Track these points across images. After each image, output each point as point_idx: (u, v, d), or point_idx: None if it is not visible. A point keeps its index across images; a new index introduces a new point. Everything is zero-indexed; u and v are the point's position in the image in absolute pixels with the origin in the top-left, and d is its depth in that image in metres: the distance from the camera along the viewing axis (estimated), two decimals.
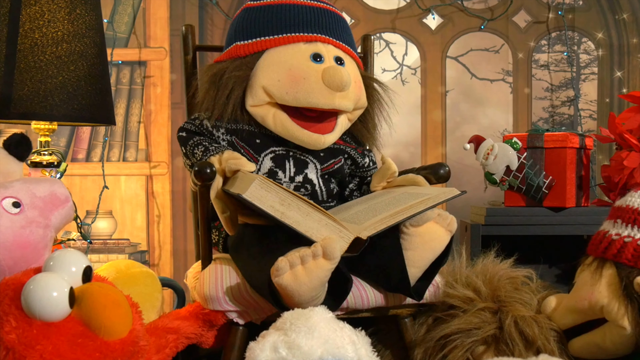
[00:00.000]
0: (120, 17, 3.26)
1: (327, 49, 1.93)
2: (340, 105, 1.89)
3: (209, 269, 1.82)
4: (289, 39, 1.92)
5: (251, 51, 1.93)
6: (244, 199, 1.62)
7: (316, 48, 1.92)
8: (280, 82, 1.88)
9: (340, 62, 1.93)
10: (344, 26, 2.02)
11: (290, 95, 1.87)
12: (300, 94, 1.87)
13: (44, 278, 1.43)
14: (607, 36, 3.28)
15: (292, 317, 1.53)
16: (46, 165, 2.24)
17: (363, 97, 1.98)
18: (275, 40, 1.92)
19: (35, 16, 2.11)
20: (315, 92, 1.87)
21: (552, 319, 1.84)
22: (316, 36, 1.93)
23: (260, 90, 1.89)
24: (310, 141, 1.92)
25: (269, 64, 1.90)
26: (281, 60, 1.89)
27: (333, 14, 1.99)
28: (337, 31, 1.97)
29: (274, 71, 1.89)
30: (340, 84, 1.86)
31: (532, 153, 2.48)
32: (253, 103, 1.91)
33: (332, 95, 1.87)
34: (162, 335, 1.71)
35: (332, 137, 1.94)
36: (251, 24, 1.95)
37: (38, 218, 1.62)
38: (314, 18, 1.95)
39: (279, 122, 1.91)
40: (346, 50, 1.97)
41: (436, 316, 1.85)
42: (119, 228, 3.27)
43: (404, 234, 1.72)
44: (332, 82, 1.86)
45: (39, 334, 1.40)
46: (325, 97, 1.87)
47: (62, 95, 2.11)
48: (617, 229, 1.76)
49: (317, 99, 1.87)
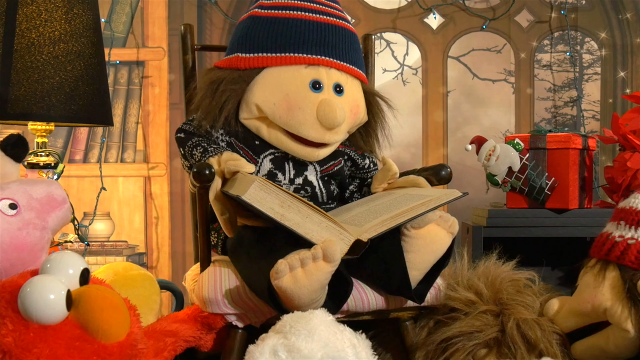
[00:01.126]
0: (118, 16, 3.26)
1: (328, 75, 1.92)
2: (330, 140, 1.91)
3: (208, 271, 1.82)
4: (291, 59, 1.91)
5: (251, 65, 1.92)
6: (243, 200, 1.62)
7: (317, 74, 1.91)
8: (275, 105, 1.88)
9: (339, 89, 1.93)
10: (352, 42, 2.00)
11: (282, 120, 1.88)
12: (293, 123, 1.88)
13: (40, 280, 1.43)
14: (610, 36, 3.28)
15: (292, 320, 1.53)
16: (43, 167, 2.23)
17: (361, 115, 1.98)
18: (276, 58, 1.91)
19: (32, 15, 2.11)
20: (307, 125, 1.88)
21: (555, 321, 1.84)
22: (319, 59, 1.92)
23: (254, 107, 1.89)
24: (304, 154, 1.92)
25: (267, 84, 1.90)
26: (279, 82, 1.89)
27: (342, 29, 1.97)
28: (343, 50, 1.96)
29: (270, 93, 1.89)
30: (333, 124, 1.87)
31: (535, 154, 2.48)
32: (246, 117, 1.91)
33: (323, 130, 1.89)
34: (160, 339, 1.70)
35: (326, 151, 1.95)
36: (254, 36, 1.94)
37: (35, 220, 1.62)
38: (320, 37, 1.93)
39: (273, 135, 1.91)
40: (350, 71, 1.96)
41: (437, 319, 1.86)
42: (117, 230, 3.27)
43: (405, 236, 1.72)
44: (325, 120, 1.87)
45: (35, 337, 1.40)
46: (317, 132, 1.88)
47: (59, 95, 2.11)
48: (621, 231, 1.76)
49: (308, 132, 1.88)
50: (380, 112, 2.05)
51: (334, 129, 1.89)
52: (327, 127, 1.88)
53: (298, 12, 1.93)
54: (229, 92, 1.89)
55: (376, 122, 2.05)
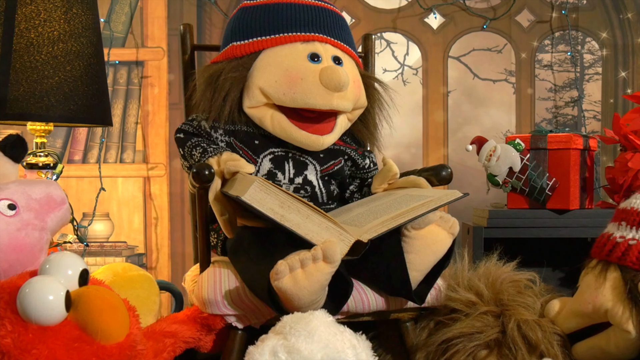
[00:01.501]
0: (117, 16, 3.26)
1: (324, 49, 1.93)
2: (338, 105, 1.89)
3: (208, 272, 1.82)
4: (286, 38, 1.92)
5: (248, 51, 1.93)
6: (243, 201, 1.62)
7: (314, 48, 1.92)
8: (277, 83, 1.88)
9: (338, 61, 1.93)
10: (343, 25, 2.02)
11: (287, 96, 1.87)
12: (298, 95, 1.87)
13: (39, 281, 1.43)
14: (611, 36, 3.28)
15: (292, 321, 1.53)
16: (42, 167, 2.23)
17: (362, 97, 1.98)
18: (271, 40, 1.92)
19: (31, 15, 2.11)
20: (313, 93, 1.87)
21: (556, 322, 1.84)
22: (314, 35, 1.93)
23: (257, 91, 1.89)
24: (309, 142, 1.92)
25: (266, 64, 1.90)
26: (278, 60, 1.90)
27: (331, 12, 1.99)
28: (335, 30, 1.97)
29: (270, 72, 1.89)
30: (338, 84, 1.86)
31: (535, 154, 2.48)
32: (250, 104, 1.91)
33: (330, 95, 1.87)
34: (159, 340, 1.71)
35: (331, 138, 1.94)
36: (247, 23, 1.95)
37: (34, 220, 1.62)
38: (312, 17, 1.95)
39: (277, 124, 1.91)
40: (345, 49, 1.97)
41: (438, 320, 1.85)
42: (116, 230, 3.27)
43: (406, 237, 1.72)
44: (329, 82, 1.86)
45: (34, 338, 1.40)
46: (323, 98, 1.87)
47: (58, 95, 2.11)
48: (622, 232, 1.76)
49: (315, 100, 1.87)
50: (377, 93, 2.06)
51: (340, 91, 1.88)
52: (334, 89, 1.86)
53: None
54: (231, 80, 1.90)
55: (374, 105, 2.05)
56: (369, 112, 2.04)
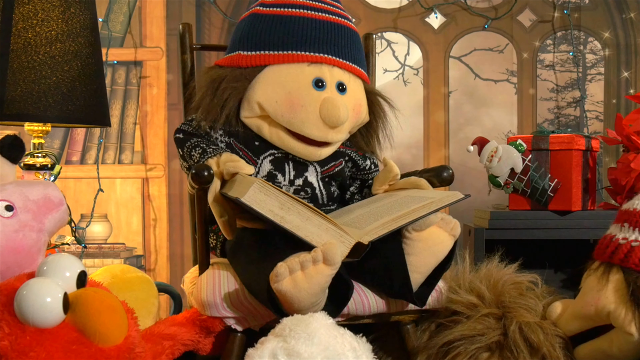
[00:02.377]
0: (115, 16, 3.26)
1: (331, 73, 1.92)
2: (333, 139, 1.90)
3: (207, 274, 1.82)
4: (293, 57, 1.91)
5: (252, 64, 1.92)
6: (243, 202, 1.62)
7: (320, 72, 1.91)
8: (277, 103, 1.88)
9: (342, 88, 1.92)
10: (355, 41, 2.00)
11: (285, 118, 1.88)
12: (295, 121, 1.87)
13: (37, 283, 1.43)
14: (614, 35, 3.28)
15: (292, 324, 1.53)
16: (40, 168, 2.23)
17: (363, 114, 1.98)
18: (278, 56, 1.91)
19: (29, 15, 2.11)
20: (310, 123, 1.87)
21: (558, 325, 1.84)
22: (322, 57, 1.92)
23: (256, 105, 1.89)
24: (306, 153, 1.92)
25: (269, 82, 1.89)
26: (282, 80, 1.89)
27: (344, 28, 1.97)
28: (345, 49, 1.96)
29: (273, 91, 1.88)
30: (337, 122, 1.87)
31: (537, 155, 2.48)
32: (248, 115, 1.91)
33: (326, 129, 1.88)
34: (158, 342, 1.70)
35: (328, 150, 1.94)
36: (256, 34, 1.93)
37: (31, 222, 1.62)
38: (323, 35, 1.93)
39: (275, 133, 1.91)
40: (352, 70, 1.96)
41: (439, 322, 1.85)
42: (114, 232, 3.27)
43: (407, 239, 1.72)
44: (328, 118, 1.86)
45: (32, 341, 1.40)
46: (320, 130, 1.88)
47: (56, 96, 2.11)
48: (624, 233, 1.76)
49: (311, 130, 1.88)
50: (382, 112, 2.05)
51: (337, 127, 1.89)
52: (331, 125, 1.87)
53: (300, 10, 1.93)
54: (231, 89, 1.89)
55: (377, 122, 2.04)
56: (371, 125, 2.04)
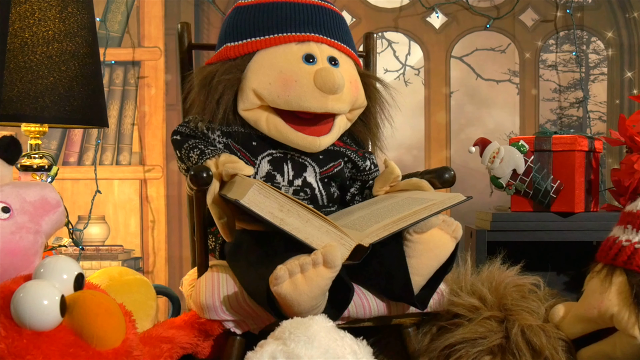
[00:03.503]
0: (113, 15, 3.27)
1: (320, 49, 1.92)
2: (333, 108, 1.89)
3: (205, 276, 1.82)
4: (280, 39, 1.91)
5: (241, 53, 1.93)
6: (242, 204, 1.62)
7: (309, 48, 1.91)
8: (271, 85, 1.88)
9: (334, 62, 1.93)
10: (340, 23, 2.01)
11: (281, 98, 1.87)
12: (292, 98, 1.87)
13: (34, 286, 1.43)
14: (617, 35, 3.28)
15: (291, 326, 1.53)
16: (37, 169, 2.24)
17: (361, 97, 1.98)
18: (265, 41, 1.92)
19: (26, 14, 2.11)
20: (307, 96, 1.86)
21: (561, 328, 1.84)
22: (309, 35, 1.93)
23: (251, 93, 1.89)
24: (305, 144, 1.91)
25: (260, 66, 1.90)
26: (272, 62, 1.89)
27: (328, 10, 1.99)
28: (332, 29, 1.97)
29: (264, 74, 1.89)
30: (333, 87, 1.86)
31: (540, 156, 2.48)
32: (244, 107, 1.91)
33: (325, 98, 1.87)
34: (156, 345, 1.70)
35: (328, 139, 1.94)
36: (241, 24, 1.95)
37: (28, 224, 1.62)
38: (307, 16, 1.94)
39: (273, 126, 1.90)
40: (341, 48, 1.97)
41: (440, 325, 1.85)
42: (112, 234, 3.27)
43: (408, 241, 1.72)
44: (324, 84, 1.86)
45: (29, 344, 1.40)
46: (318, 101, 1.87)
47: (53, 96, 2.11)
48: (628, 235, 1.76)
49: (309, 103, 1.87)
50: (377, 93, 2.05)
51: (336, 93, 1.88)
52: (328, 90, 1.86)
53: None
54: (224, 82, 1.89)
55: (374, 105, 2.04)
56: (369, 111, 2.04)
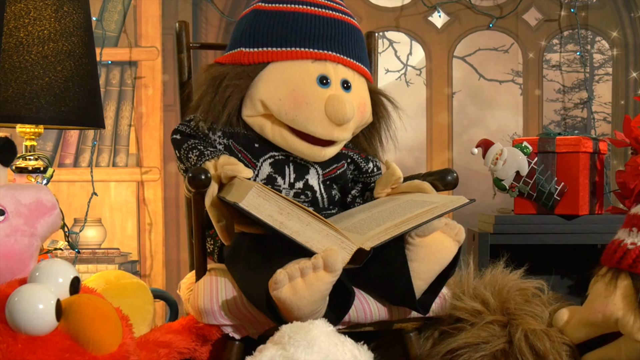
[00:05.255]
0: (109, 15, 3.27)
1: (335, 70, 1.92)
2: (339, 137, 1.90)
3: (204, 280, 1.82)
4: (297, 54, 1.91)
5: (255, 61, 1.91)
6: (241, 207, 1.62)
7: (324, 69, 1.91)
8: (281, 101, 1.87)
9: (347, 85, 1.92)
10: (358, 39, 2.00)
11: (289, 116, 1.87)
12: (300, 119, 1.87)
13: (29, 290, 1.43)
14: (622, 35, 3.29)
15: (291, 331, 1.53)
16: (32, 171, 2.23)
17: (367, 114, 1.98)
18: (281, 53, 1.91)
19: (21, 14, 2.11)
20: (315, 122, 1.87)
21: (565, 332, 1.84)
22: (326, 54, 1.92)
23: (259, 103, 1.89)
24: (310, 153, 1.92)
25: (272, 79, 1.89)
26: (285, 77, 1.89)
27: (347, 25, 1.98)
28: (349, 46, 1.96)
29: (276, 88, 1.88)
30: (343, 119, 1.86)
31: (543, 158, 2.48)
32: (250, 114, 1.91)
33: (332, 127, 1.88)
34: (153, 350, 1.70)
35: (332, 150, 1.94)
36: (258, 30, 1.93)
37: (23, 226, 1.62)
38: (327, 31, 1.93)
39: (278, 133, 1.91)
40: (357, 68, 1.96)
41: (442, 330, 1.85)
42: (109, 237, 3.27)
43: (410, 245, 1.72)
44: (334, 115, 1.86)
45: (24, 349, 1.40)
46: (325, 128, 1.88)
47: (49, 97, 2.11)
48: (633, 238, 1.76)
49: (316, 129, 1.87)
50: (385, 112, 2.05)
51: (343, 125, 1.89)
52: (337, 122, 1.87)
53: (303, 6, 1.93)
54: (233, 87, 1.89)
55: (380, 122, 2.05)
56: (373, 126, 2.04)
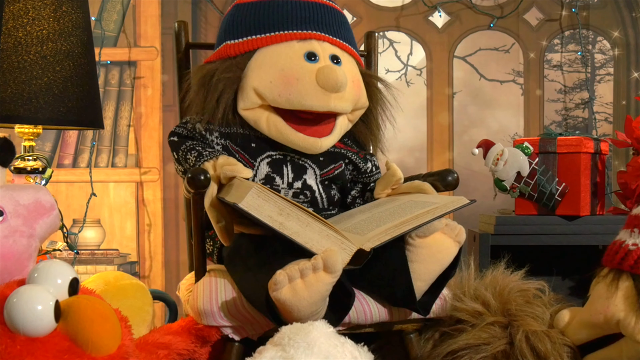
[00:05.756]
0: (108, 14, 3.27)
1: (322, 47, 1.92)
2: (336, 107, 1.89)
3: (203, 281, 1.82)
4: (282, 37, 1.91)
5: (242, 51, 1.92)
6: (240, 208, 1.62)
7: (310, 46, 1.91)
8: (272, 83, 1.87)
9: (336, 60, 1.93)
10: (342, 21, 2.01)
11: (283, 97, 1.87)
12: (293, 96, 1.86)
13: (27, 291, 1.43)
14: (623, 35, 3.29)
15: (291, 332, 1.53)
16: (30, 171, 2.24)
17: (363, 97, 1.98)
18: (266, 38, 1.92)
19: (19, 14, 2.11)
20: (309, 94, 1.86)
21: (566, 333, 1.84)
22: (310, 33, 1.93)
23: (252, 92, 1.89)
24: (306, 145, 1.91)
25: (260, 64, 1.90)
26: (273, 60, 1.89)
27: (330, 8, 1.99)
28: (333, 27, 1.97)
29: (265, 72, 1.88)
30: (336, 85, 1.86)
31: (545, 158, 2.48)
32: (245, 106, 1.90)
33: (327, 96, 1.87)
34: (152, 351, 1.70)
35: (330, 140, 1.94)
36: (242, 21, 1.95)
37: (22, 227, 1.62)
38: (309, 14, 1.94)
39: (273, 126, 1.90)
40: (343, 47, 1.97)
41: (443, 331, 1.86)
42: (108, 238, 3.27)
43: (410, 246, 1.72)
44: (326, 82, 1.86)
45: (22, 350, 1.40)
46: (320, 99, 1.87)
47: (48, 97, 2.11)
48: (634, 239, 1.76)
49: (311, 101, 1.87)
50: (379, 93, 2.05)
51: (338, 91, 1.88)
52: (330, 89, 1.86)
53: None
54: (224, 80, 1.89)
55: (376, 106, 2.04)
56: (370, 112, 2.04)
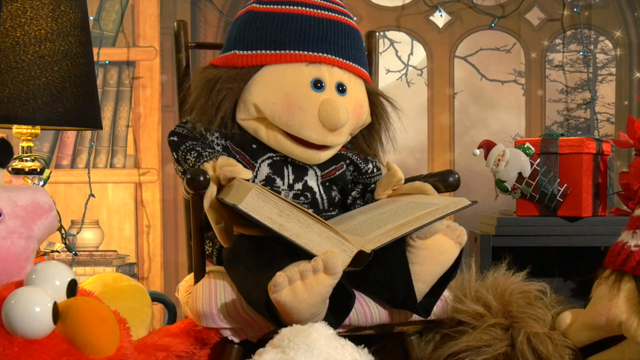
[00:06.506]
0: (107, 14, 3.27)
1: (330, 73, 1.91)
2: (332, 142, 1.90)
3: (202, 283, 1.82)
4: (291, 57, 1.90)
5: (248, 63, 1.91)
6: (240, 209, 1.62)
7: (319, 72, 1.90)
8: (274, 105, 1.88)
9: (342, 89, 1.92)
10: (355, 39, 2.00)
11: (282, 121, 1.87)
12: (293, 124, 1.87)
13: (25, 292, 1.42)
14: (625, 34, 3.29)
15: (291, 334, 1.53)
16: (28, 172, 2.23)
17: (364, 116, 1.98)
18: (275, 56, 1.90)
19: (17, 13, 2.11)
20: (309, 126, 1.87)
21: (567, 335, 1.84)
22: (321, 56, 1.91)
23: (252, 107, 1.89)
24: (305, 156, 1.92)
25: (265, 82, 1.89)
26: (279, 81, 1.89)
27: (344, 26, 1.97)
28: (345, 47, 1.95)
29: (270, 92, 1.88)
30: (336, 125, 1.86)
31: (546, 159, 2.48)
32: (244, 117, 1.91)
33: (325, 132, 1.88)
34: (151, 353, 1.70)
35: (328, 153, 1.94)
36: (252, 32, 1.93)
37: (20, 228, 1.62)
38: (322, 33, 1.92)
39: (272, 136, 1.91)
40: (353, 69, 1.96)
41: (444, 333, 1.85)
42: (106, 239, 3.27)
43: (411, 247, 1.72)
44: (327, 120, 1.86)
45: (20, 352, 1.40)
46: (318, 133, 1.88)
47: (46, 97, 2.11)
48: (637, 240, 1.76)
49: (309, 133, 1.87)
50: (385, 113, 2.05)
51: (337, 130, 1.89)
52: (330, 128, 1.87)
53: (298, 7, 1.93)
54: (226, 91, 1.89)
55: (380, 124, 2.04)
56: (373, 127, 2.04)
